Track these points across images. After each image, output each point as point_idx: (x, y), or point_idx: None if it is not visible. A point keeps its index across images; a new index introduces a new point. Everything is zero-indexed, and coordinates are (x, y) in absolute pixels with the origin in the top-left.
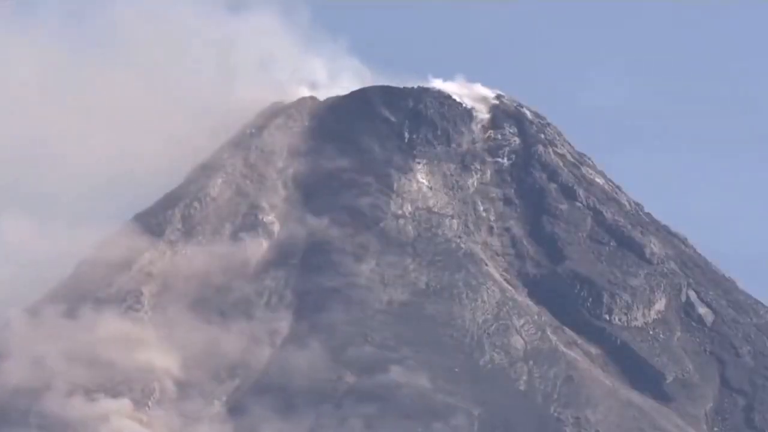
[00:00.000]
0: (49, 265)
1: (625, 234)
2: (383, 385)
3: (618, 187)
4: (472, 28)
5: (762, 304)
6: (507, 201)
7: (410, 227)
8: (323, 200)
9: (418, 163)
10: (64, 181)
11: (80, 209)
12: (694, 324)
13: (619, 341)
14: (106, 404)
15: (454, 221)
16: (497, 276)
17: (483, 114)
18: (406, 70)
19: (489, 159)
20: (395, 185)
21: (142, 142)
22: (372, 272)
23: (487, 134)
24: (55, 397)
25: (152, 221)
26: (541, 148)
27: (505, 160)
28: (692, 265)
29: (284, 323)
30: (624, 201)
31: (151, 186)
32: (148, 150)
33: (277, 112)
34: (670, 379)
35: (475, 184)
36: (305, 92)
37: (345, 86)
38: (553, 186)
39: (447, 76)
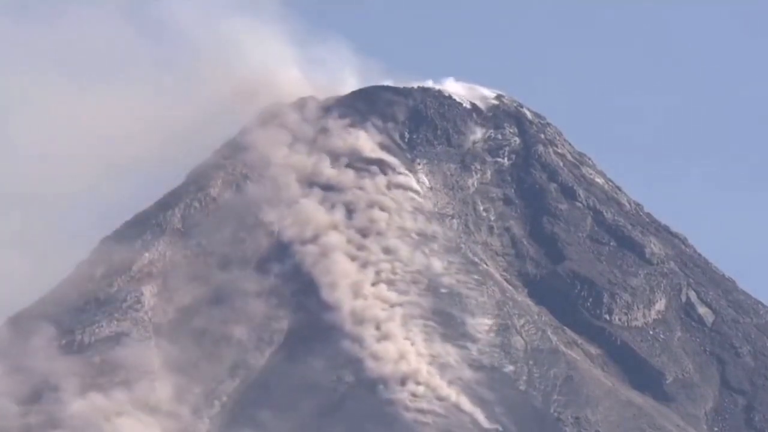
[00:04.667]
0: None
1: (625, 234)
2: (382, 385)
3: (618, 187)
4: (472, 28)
5: (762, 304)
6: (507, 201)
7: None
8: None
9: (418, 163)
10: (64, 181)
11: (81, 209)
12: (694, 324)
13: (619, 341)
14: (106, 403)
15: (454, 221)
16: (497, 276)
17: (483, 114)
18: (407, 70)
19: (489, 159)
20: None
21: (142, 142)
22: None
23: (487, 134)
24: (55, 394)
25: (152, 221)
26: (541, 148)
27: (505, 160)
28: (692, 265)
29: (284, 322)
30: (624, 201)
31: (152, 186)
32: (149, 150)
33: (277, 111)
34: (670, 379)
35: (475, 184)
36: (305, 92)
37: (345, 86)
38: (553, 186)
39: (447, 76)
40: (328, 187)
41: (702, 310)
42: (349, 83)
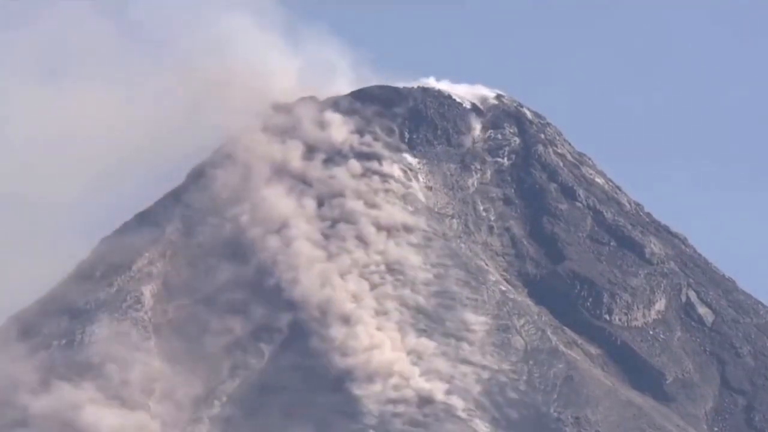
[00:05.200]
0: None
1: (625, 234)
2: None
3: (618, 187)
4: (472, 28)
5: (762, 304)
6: (507, 201)
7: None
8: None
9: (419, 163)
10: (64, 181)
11: (81, 209)
12: (694, 324)
13: (619, 341)
14: (104, 402)
15: (454, 221)
16: (497, 276)
17: (483, 114)
18: (406, 70)
19: (489, 159)
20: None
21: (142, 141)
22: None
23: (487, 134)
24: (53, 392)
25: (152, 221)
26: (541, 148)
27: (505, 160)
28: (692, 265)
29: (284, 321)
30: (624, 201)
31: (152, 185)
32: (149, 149)
33: (277, 111)
34: (670, 379)
35: (475, 184)
36: (305, 92)
37: (343, 85)
38: (553, 186)
39: (447, 76)
40: (332, 186)
41: (702, 310)
42: (347, 83)
